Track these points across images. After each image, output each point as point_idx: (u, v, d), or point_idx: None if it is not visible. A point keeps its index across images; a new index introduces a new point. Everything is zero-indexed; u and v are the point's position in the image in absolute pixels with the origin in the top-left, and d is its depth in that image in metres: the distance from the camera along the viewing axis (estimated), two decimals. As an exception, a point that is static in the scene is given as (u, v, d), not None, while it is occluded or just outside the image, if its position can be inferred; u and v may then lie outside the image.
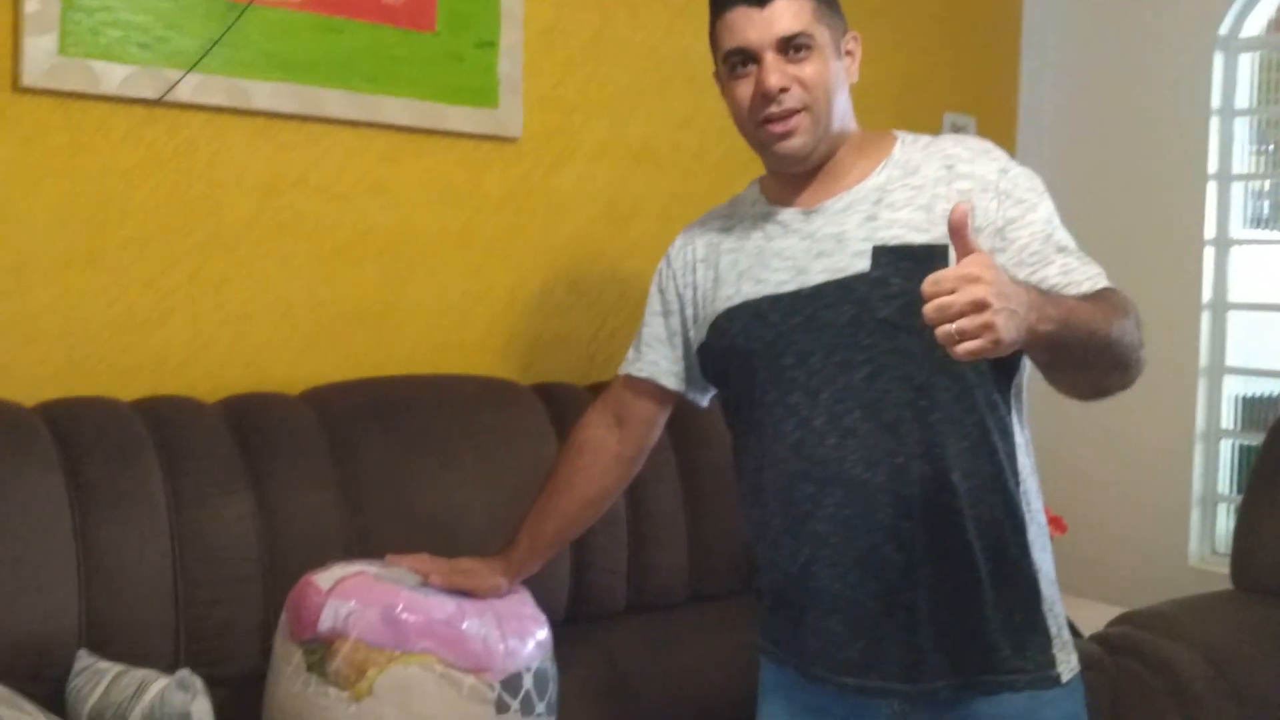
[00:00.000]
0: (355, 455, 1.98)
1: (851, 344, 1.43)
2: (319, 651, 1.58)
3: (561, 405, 2.27)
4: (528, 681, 1.63)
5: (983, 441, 1.43)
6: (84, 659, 1.64)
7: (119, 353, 1.99)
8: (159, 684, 1.60)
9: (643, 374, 1.68)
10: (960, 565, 1.42)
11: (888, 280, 1.42)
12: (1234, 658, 2.11)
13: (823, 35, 1.46)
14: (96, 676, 1.61)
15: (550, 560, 1.80)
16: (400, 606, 1.59)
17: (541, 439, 2.19)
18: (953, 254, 1.28)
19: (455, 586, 1.67)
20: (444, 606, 1.62)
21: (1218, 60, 2.94)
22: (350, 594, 1.61)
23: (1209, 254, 2.95)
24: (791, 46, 1.45)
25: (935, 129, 3.03)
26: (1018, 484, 1.45)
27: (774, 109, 1.45)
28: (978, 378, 1.43)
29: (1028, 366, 1.46)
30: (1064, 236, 1.44)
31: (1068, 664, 1.46)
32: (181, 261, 2.03)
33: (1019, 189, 1.44)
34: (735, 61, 1.48)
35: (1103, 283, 1.39)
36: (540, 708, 1.65)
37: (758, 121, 1.48)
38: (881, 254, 1.43)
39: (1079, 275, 1.38)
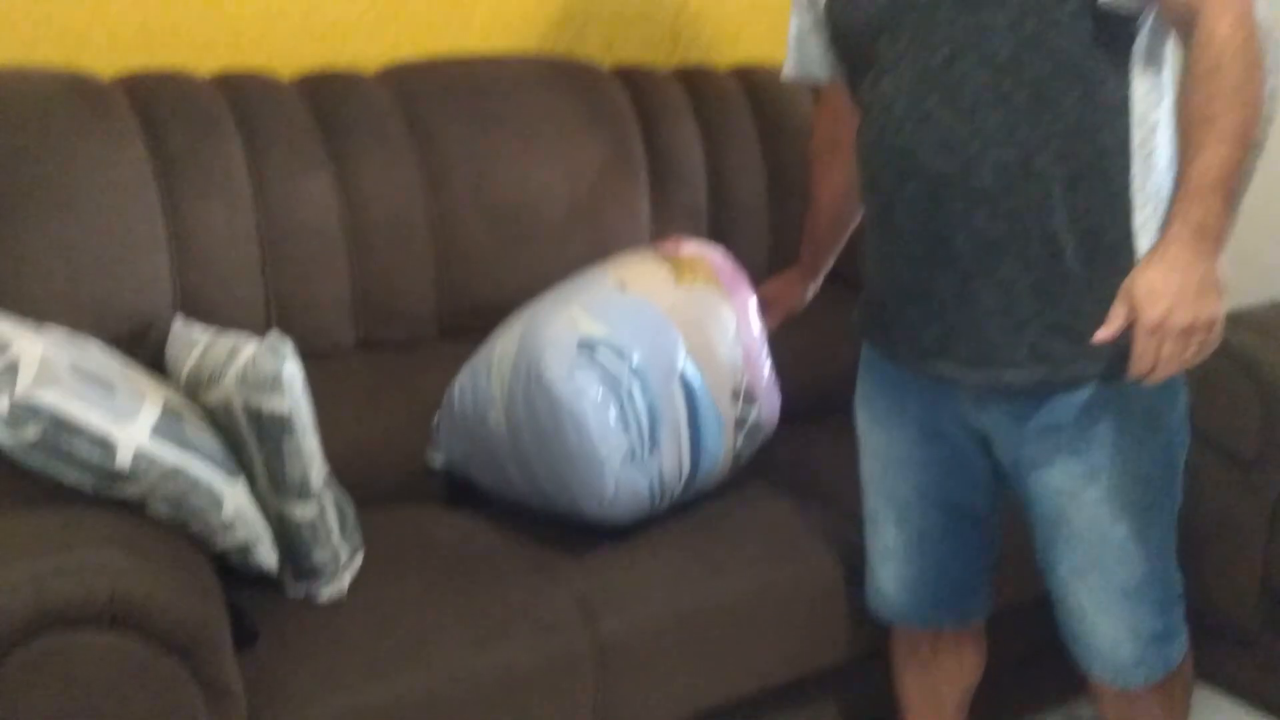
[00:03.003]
0: (434, 136, 1.95)
1: (932, 23, 1.36)
2: (673, 258, 1.85)
3: (643, 90, 2.19)
4: (743, 407, 1.78)
5: (1082, 121, 1.34)
6: (180, 325, 1.69)
7: (194, 21, 1.94)
8: (250, 346, 1.64)
9: (791, 75, 1.68)
10: (1043, 256, 1.36)
11: None
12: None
13: None
14: (193, 341, 1.66)
15: (839, 252, 1.86)
16: (745, 284, 1.85)
17: (623, 124, 2.13)
18: None
19: (777, 314, 1.89)
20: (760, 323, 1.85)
21: None
22: (715, 252, 1.89)
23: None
24: None
25: None
26: (1128, 162, 1.36)
27: None
28: (1079, 50, 1.32)
29: (1148, 23, 1.34)
30: None
31: None
32: (248, -72, 1.95)
33: None
34: None
35: None
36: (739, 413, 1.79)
37: None
38: None
39: None
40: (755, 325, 1.81)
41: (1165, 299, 1.22)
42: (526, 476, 1.67)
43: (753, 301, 1.83)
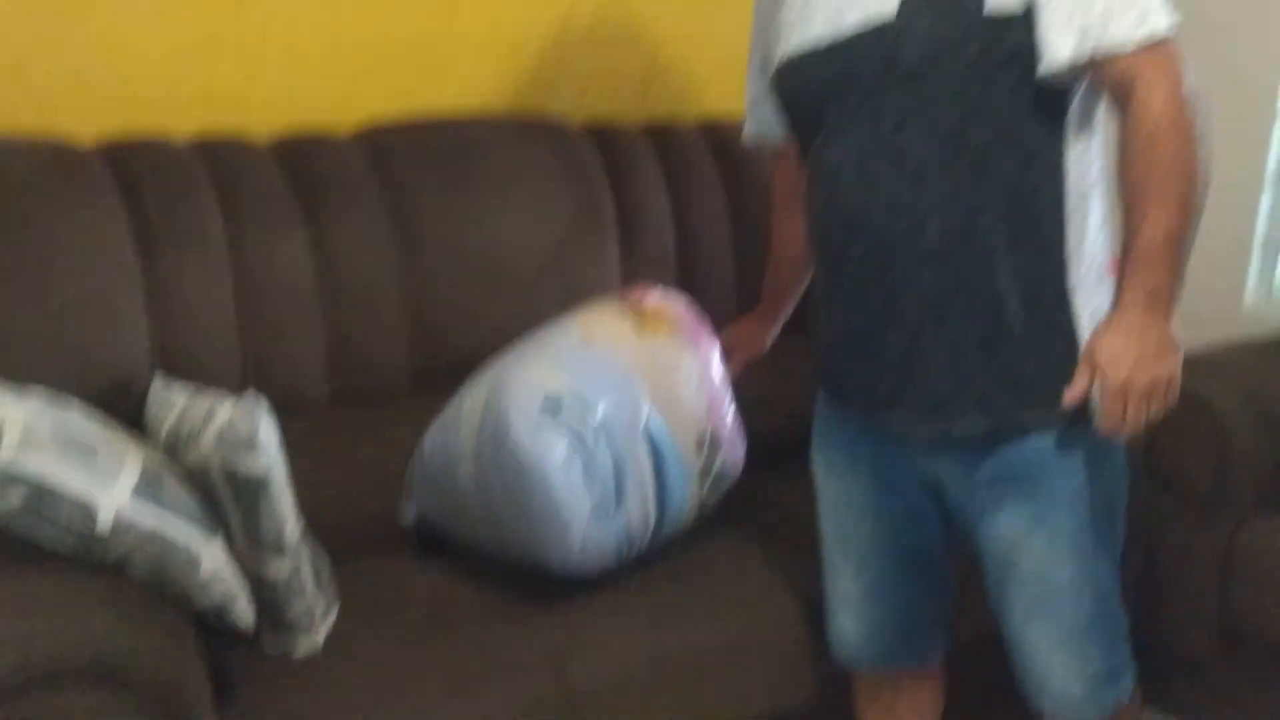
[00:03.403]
0: (407, 195, 2.00)
1: (879, 93, 1.42)
2: (637, 309, 1.87)
3: (611, 145, 2.26)
4: (707, 455, 1.82)
5: (1021, 186, 1.41)
6: (159, 385, 1.73)
7: (171, 84, 2.00)
8: (228, 408, 1.69)
9: (752, 137, 1.76)
10: (987, 313, 1.43)
11: (914, 24, 1.39)
12: (1276, 402, 2.14)
13: None
14: (171, 401, 1.70)
15: (799, 298, 1.92)
16: (707, 332, 1.88)
17: (592, 178, 2.19)
18: None
19: (737, 363, 1.92)
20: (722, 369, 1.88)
21: None
22: (678, 301, 1.92)
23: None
24: None
25: None
26: (1064, 226, 1.43)
27: None
28: (1017, 119, 1.39)
29: (1081, 91, 1.41)
30: None
31: None
32: (226, -6, 2.01)
33: None
34: None
35: (1143, 31, 1.32)
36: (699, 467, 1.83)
37: None
38: None
39: (1115, 28, 1.32)
40: (718, 374, 1.86)
41: (1127, 362, 1.31)
42: (495, 531, 1.72)
43: (715, 350, 1.88)
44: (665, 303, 1.91)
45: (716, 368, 1.87)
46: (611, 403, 1.71)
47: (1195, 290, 2.73)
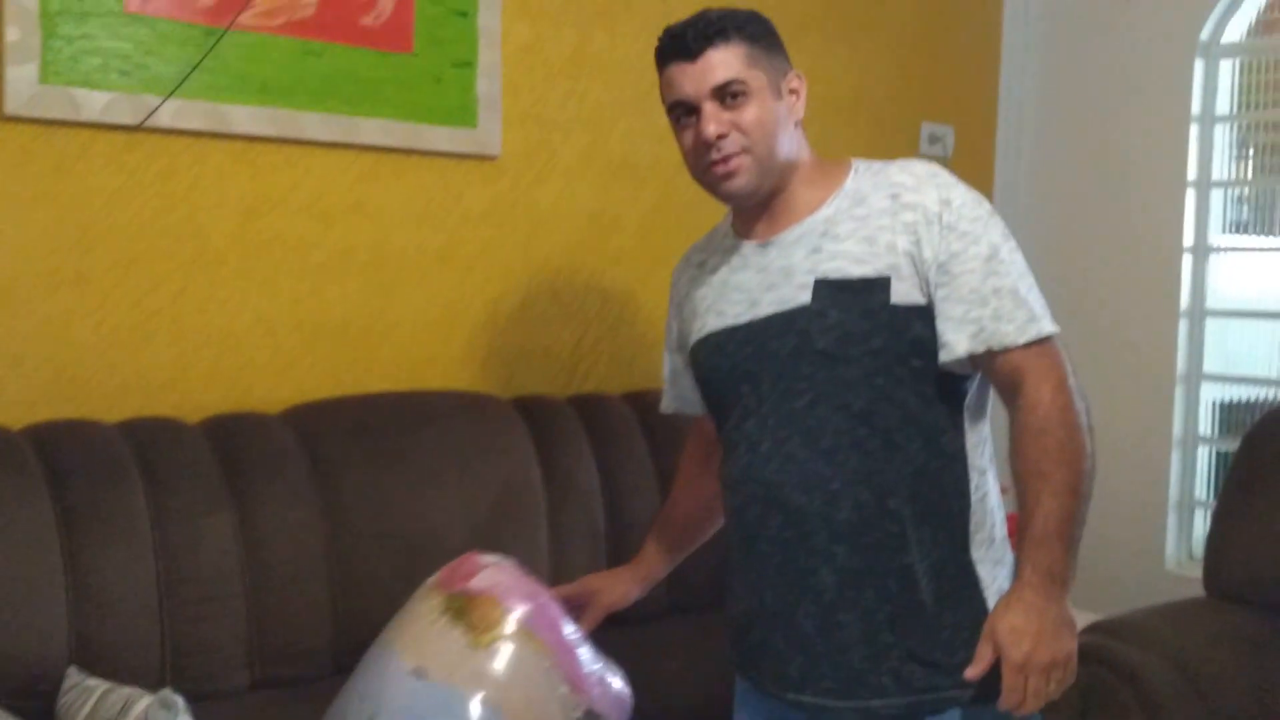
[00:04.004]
0: (335, 474, 2.02)
1: (794, 373, 1.50)
2: (460, 601, 1.67)
3: (541, 419, 2.31)
4: None
5: (926, 466, 1.47)
6: (73, 677, 1.69)
7: (105, 373, 2.03)
8: (143, 702, 1.64)
9: (670, 409, 1.80)
10: (899, 588, 1.46)
11: (826, 312, 1.48)
12: (1203, 667, 2.14)
13: (758, 79, 1.51)
14: (85, 694, 1.66)
15: (678, 563, 1.88)
16: (544, 599, 1.71)
17: (522, 454, 2.23)
18: (894, 284, 1.42)
19: (597, 611, 1.80)
20: (573, 626, 1.72)
21: (1198, 67, 2.96)
22: (506, 572, 1.73)
23: (1187, 261, 2.98)
24: (727, 94, 1.51)
25: (914, 138, 3.06)
26: (966, 503, 1.49)
27: (714, 155, 1.51)
28: (922, 404, 1.47)
29: (975, 381, 1.51)
30: (1005, 270, 1.46)
31: None
32: (165, 282, 2.07)
33: (962, 221, 1.47)
34: (679, 113, 1.55)
35: (1032, 331, 1.43)
36: None
37: (703, 167, 1.54)
38: (822, 287, 1.49)
39: (1008, 326, 1.43)
40: (571, 648, 1.69)
41: (1027, 639, 1.36)
42: None
43: (559, 616, 1.72)
44: (492, 579, 1.71)
45: (566, 640, 1.69)
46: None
47: (1117, 555, 2.81)
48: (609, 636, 2.25)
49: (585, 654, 1.70)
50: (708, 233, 1.73)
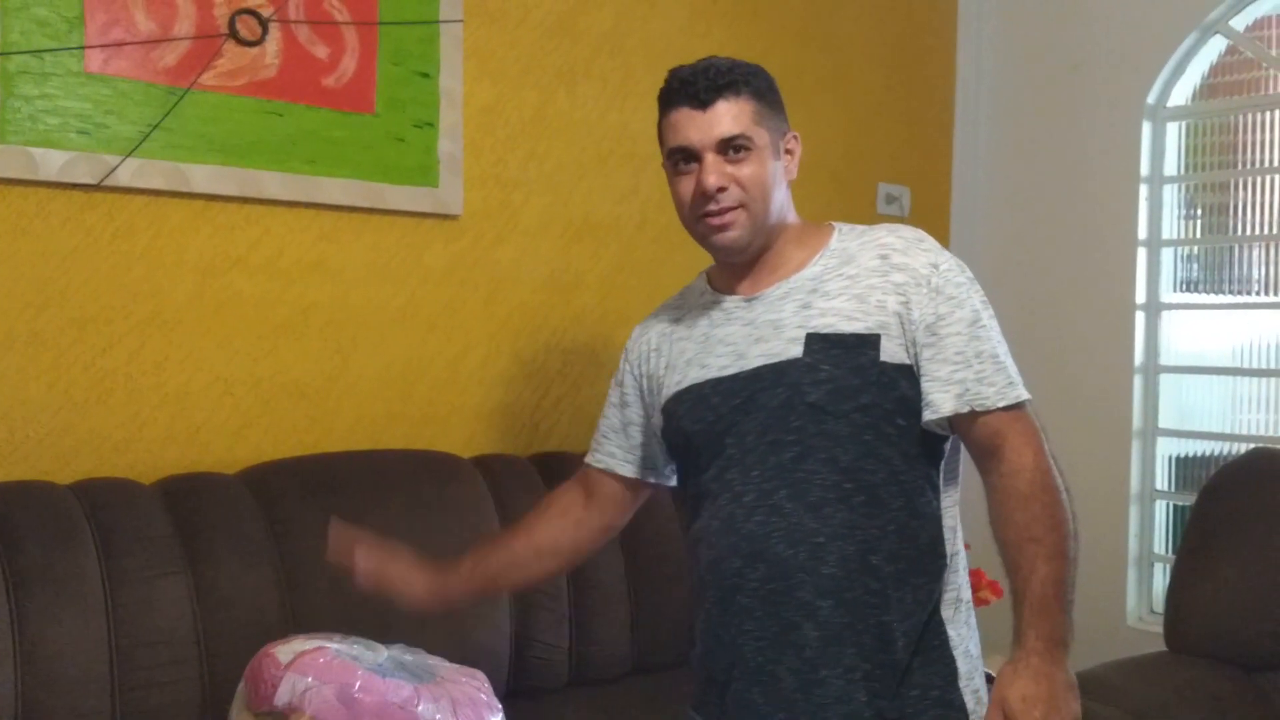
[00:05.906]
0: (292, 535, 1.99)
1: (783, 425, 1.49)
2: None
3: (501, 478, 2.29)
4: None
5: (907, 525, 1.47)
6: (16, 746, 1.64)
7: (59, 433, 2.00)
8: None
9: (599, 464, 1.74)
10: (876, 646, 1.45)
11: (818, 366, 1.48)
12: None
13: (762, 137, 1.52)
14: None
15: (479, 598, 1.82)
16: (357, 686, 1.61)
17: (481, 512, 2.21)
18: (883, 342, 1.44)
19: (381, 588, 1.71)
20: (400, 690, 1.64)
21: (1146, 129, 3.03)
22: (308, 669, 1.63)
23: (1140, 318, 3.02)
24: (731, 147, 1.51)
25: (870, 199, 3.11)
26: (942, 564, 1.50)
27: (711, 206, 1.52)
28: (905, 463, 1.48)
29: (950, 442, 1.52)
30: (986, 335, 1.49)
31: None
32: (121, 342, 2.05)
33: (949, 285, 1.50)
34: (678, 158, 1.54)
35: (1012, 395, 1.46)
36: None
37: (697, 216, 1.54)
38: (814, 341, 1.49)
39: (989, 389, 1.46)
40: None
41: (1039, 706, 1.37)
42: None
43: (388, 689, 1.64)
44: (291, 688, 1.61)
45: (390, 702, 1.61)
46: None
47: (1078, 610, 2.79)
48: (571, 695, 2.25)
49: (425, 709, 1.61)
50: (679, 291, 1.72)
